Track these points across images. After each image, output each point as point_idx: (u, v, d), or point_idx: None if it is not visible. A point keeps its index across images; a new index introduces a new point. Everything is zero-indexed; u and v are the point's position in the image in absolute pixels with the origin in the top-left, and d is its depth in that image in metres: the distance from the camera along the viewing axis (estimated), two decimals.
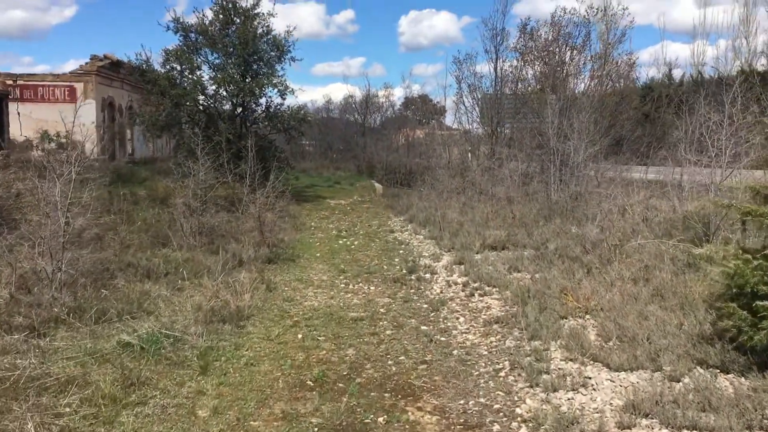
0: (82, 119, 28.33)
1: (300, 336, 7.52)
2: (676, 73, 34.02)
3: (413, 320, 8.29)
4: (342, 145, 42.80)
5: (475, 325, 7.93)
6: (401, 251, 13.70)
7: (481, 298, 9.18)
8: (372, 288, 10.23)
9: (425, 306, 9.01)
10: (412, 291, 9.97)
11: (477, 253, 12.26)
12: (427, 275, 11.01)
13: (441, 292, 9.80)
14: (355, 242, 15.02)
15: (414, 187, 25.06)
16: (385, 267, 12.00)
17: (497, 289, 9.45)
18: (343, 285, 10.45)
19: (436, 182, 22.50)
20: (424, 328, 7.90)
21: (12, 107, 29.18)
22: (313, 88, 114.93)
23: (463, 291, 9.71)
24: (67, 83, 30.37)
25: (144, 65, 19.67)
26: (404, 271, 11.43)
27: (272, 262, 12.02)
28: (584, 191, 16.62)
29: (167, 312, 8.22)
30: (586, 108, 17.42)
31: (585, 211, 14.92)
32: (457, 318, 8.28)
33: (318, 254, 13.45)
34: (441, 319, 8.28)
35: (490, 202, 17.67)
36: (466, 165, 24.63)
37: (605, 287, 8.69)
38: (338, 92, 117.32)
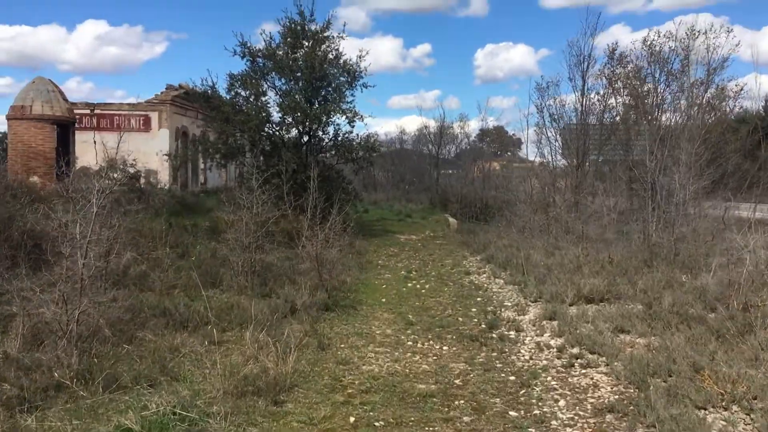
0: (157, 148, 28.17)
1: (352, 420, 5.83)
2: None
3: (498, 400, 6.45)
4: (415, 177, 41.34)
5: (581, 413, 6.02)
6: (479, 299, 11.86)
7: (583, 371, 7.24)
8: (445, 348, 8.45)
9: (512, 378, 7.15)
10: (494, 354, 8.13)
11: (571, 306, 10.30)
12: (512, 333, 9.14)
13: (531, 358, 7.92)
14: (426, 285, 13.28)
15: (491, 222, 23.17)
16: (460, 319, 10.20)
17: (604, 358, 7.49)
18: (410, 342, 8.71)
19: (515, 218, 20.56)
20: (513, 414, 6.05)
21: (88, 136, 29.27)
22: (388, 120, 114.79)
23: (558, 358, 7.79)
24: (143, 112, 30.34)
25: (209, 91, 18.79)
26: (483, 326, 9.62)
27: (330, 309, 10.44)
28: (690, 232, 14.36)
29: (194, 377, 6.73)
30: (694, 138, 15.18)
31: (695, 257, 12.72)
32: (556, 400, 6.38)
33: (383, 299, 11.79)
34: (534, 401, 6.41)
35: (579, 242, 15.60)
36: (549, 200, 22.58)
37: (748, 364, 6.65)
38: (412, 124, 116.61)
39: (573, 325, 8.91)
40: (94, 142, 29.08)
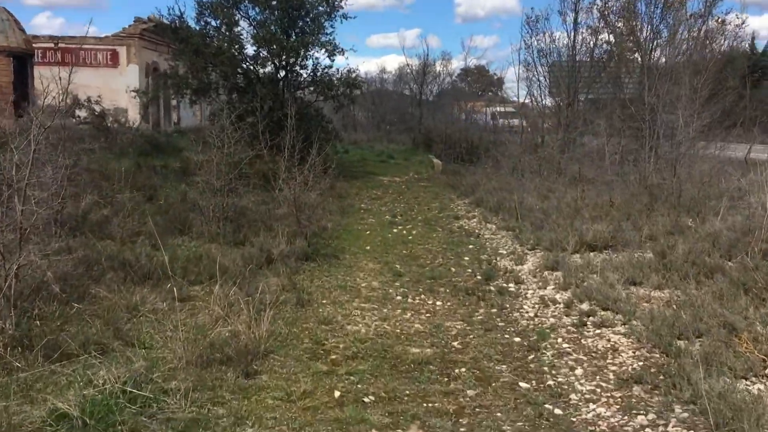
0: (125, 85, 26.56)
1: (337, 394, 4.96)
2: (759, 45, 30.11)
3: (504, 368, 5.62)
4: (396, 117, 39.99)
5: (603, 384, 5.20)
6: (471, 246, 11.00)
7: (598, 331, 6.41)
8: (438, 303, 7.59)
9: (517, 340, 6.32)
10: (494, 311, 7.29)
11: (573, 254, 9.47)
12: (511, 286, 8.30)
13: (536, 315, 7.09)
14: (413, 231, 12.38)
15: (477, 163, 22.19)
16: (452, 269, 9.33)
17: (620, 316, 6.67)
18: (399, 297, 7.83)
19: (503, 159, 19.61)
20: (523, 385, 5.22)
21: (53, 71, 27.63)
22: (368, 60, 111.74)
23: (567, 315, 6.97)
24: (110, 47, 28.67)
25: (177, 21, 17.24)
26: (479, 277, 8.77)
27: (310, 259, 9.50)
28: (688, 174, 13.53)
29: (153, 342, 5.80)
30: (699, 71, 14.18)
31: (698, 200, 11.94)
32: (572, 368, 5.55)
33: (368, 247, 10.88)
34: (546, 368, 5.58)
35: (575, 184, 14.75)
36: (538, 140, 21.60)
37: None
38: (393, 63, 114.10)
39: (579, 277, 8.08)
40: (59, 78, 27.48)
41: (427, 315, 7.13)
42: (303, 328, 6.48)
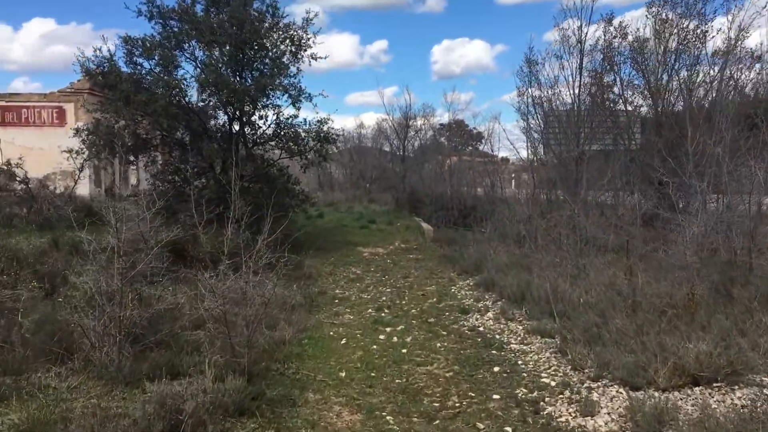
0: (74, 146, 23.38)
1: None
2: None
3: None
4: (377, 174, 36.72)
5: None
6: (496, 367, 7.40)
7: None
8: None
9: None
10: None
11: (665, 391, 5.93)
12: None
13: None
14: (407, 338, 8.79)
15: (474, 228, 18.72)
16: (480, 426, 5.73)
17: None
18: None
19: (507, 224, 16.21)
20: None
21: None
22: (346, 118, 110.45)
23: None
24: (56, 104, 25.60)
25: (105, 65, 13.78)
26: None
27: (247, 413, 5.85)
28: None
29: None
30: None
31: None
32: None
33: (342, 373, 7.26)
34: None
35: (616, 260, 11.37)
36: (542, 199, 18.31)
37: None
38: (371, 121, 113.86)
39: None
40: None
41: None
42: None
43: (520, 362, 7.54)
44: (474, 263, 13.59)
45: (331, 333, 9.07)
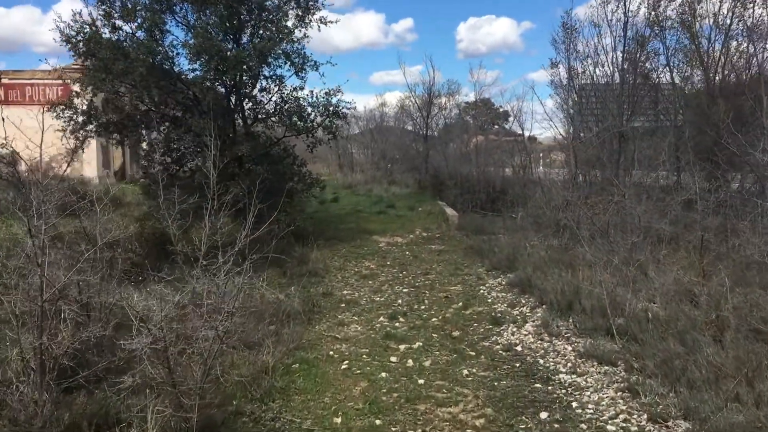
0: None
1: None
2: None
3: None
4: (399, 154, 34.72)
5: None
6: (543, 413, 5.53)
7: None
8: None
9: None
10: None
11: None
12: None
13: None
14: (426, 360, 6.96)
15: (504, 213, 16.73)
16: None
17: None
18: None
19: (545, 210, 14.20)
20: None
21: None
22: (370, 97, 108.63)
23: None
24: (62, 81, 24.13)
25: (87, 30, 11.96)
26: None
27: None
28: None
29: None
30: None
31: None
32: None
33: (338, 419, 5.45)
34: None
35: (672, 253, 9.41)
36: (590, 184, 16.20)
37: None
38: (394, 99, 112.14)
39: None
40: (2, 120, 22.85)
41: None
42: None
43: (574, 403, 5.65)
44: (506, 258, 11.66)
45: (331, 352, 7.27)
